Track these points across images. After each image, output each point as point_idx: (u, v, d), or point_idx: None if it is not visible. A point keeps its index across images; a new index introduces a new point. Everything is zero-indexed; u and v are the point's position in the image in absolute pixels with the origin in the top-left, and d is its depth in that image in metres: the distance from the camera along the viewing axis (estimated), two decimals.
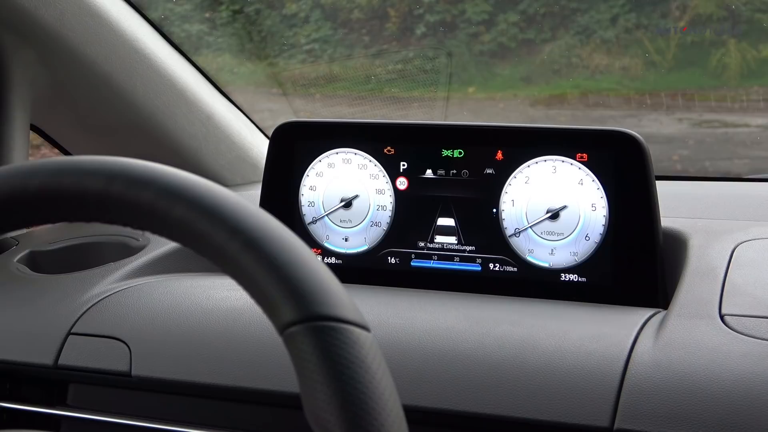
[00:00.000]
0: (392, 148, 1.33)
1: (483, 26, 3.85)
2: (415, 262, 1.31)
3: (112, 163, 0.66)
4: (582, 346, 1.01)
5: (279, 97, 2.81)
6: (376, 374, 0.59)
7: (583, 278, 1.24)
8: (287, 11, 3.83)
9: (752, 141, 3.27)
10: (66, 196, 0.66)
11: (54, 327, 1.19)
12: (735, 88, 3.51)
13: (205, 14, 3.44)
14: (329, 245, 1.36)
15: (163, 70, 1.59)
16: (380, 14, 4.02)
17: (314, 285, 0.60)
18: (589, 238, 1.24)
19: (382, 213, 1.33)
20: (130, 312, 1.18)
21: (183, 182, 0.64)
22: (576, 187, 1.24)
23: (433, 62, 2.84)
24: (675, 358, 0.96)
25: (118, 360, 1.14)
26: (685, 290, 1.11)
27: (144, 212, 0.65)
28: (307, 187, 1.37)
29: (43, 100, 1.53)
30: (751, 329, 0.99)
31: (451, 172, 1.30)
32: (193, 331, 1.14)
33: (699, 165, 3.32)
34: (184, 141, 1.65)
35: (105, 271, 1.31)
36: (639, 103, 3.30)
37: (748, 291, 1.08)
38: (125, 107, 1.57)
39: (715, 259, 1.17)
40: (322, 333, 0.59)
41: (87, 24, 1.46)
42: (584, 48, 3.73)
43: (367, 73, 2.61)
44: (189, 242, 0.65)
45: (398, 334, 1.07)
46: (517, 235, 1.27)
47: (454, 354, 1.03)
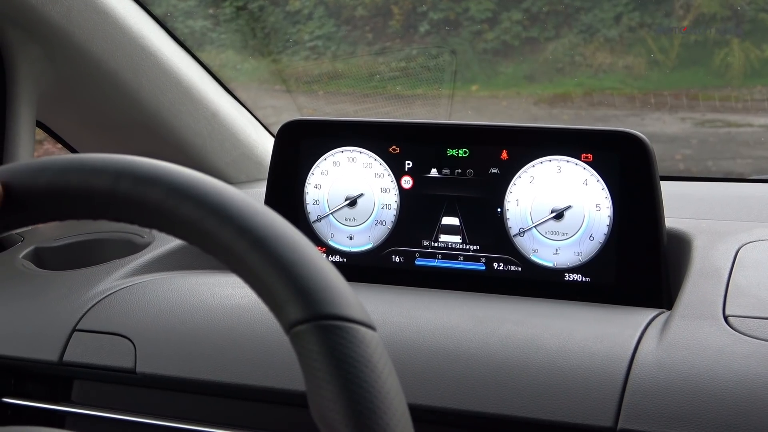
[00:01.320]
0: (397, 147, 1.33)
1: (486, 24, 3.84)
2: (420, 261, 1.32)
3: (119, 161, 0.66)
4: (586, 346, 1.01)
5: (282, 93, 2.81)
6: (382, 373, 0.59)
7: (587, 278, 1.24)
8: (291, 8, 3.83)
9: (755, 141, 3.27)
10: (73, 194, 0.66)
11: (59, 323, 1.19)
12: (738, 87, 3.51)
13: (208, 10, 3.44)
14: (334, 243, 1.36)
15: (168, 67, 1.59)
16: (384, 12, 4.02)
17: (321, 284, 0.60)
18: (593, 238, 1.24)
19: (387, 212, 1.33)
20: (135, 309, 1.19)
21: (190, 180, 0.64)
22: (581, 187, 1.24)
23: (437, 60, 2.84)
24: (678, 359, 0.96)
25: (123, 357, 1.14)
26: (688, 291, 1.11)
27: (151, 210, 0.65)
28: (312, 186, 1.37)
29: (48, 97, 1.53)
30: (755, 330, 1.00)
31: (456, 171, 1.30)
32: (198, 328, 1.14)
33: (702, 165, 3.32)
34: (188, 138, 1.66)
35: (110, 268, 1.31)
36: (642, 102, 3.30)
37: (752, 292, 1.08)
38: (130, 104, 1.57)
39: (719, 260, 1.17)
40: (329, 332, 0.59)
41: (93, 21, 1.46)
42: (588, 47, 3.73)
43: (370, 70, 2.61)
44: (196, 240, 0.65)
45: (402, 333, 1.07)
46: (522, 234, 1.27)
47: (458, 353, 1.03)
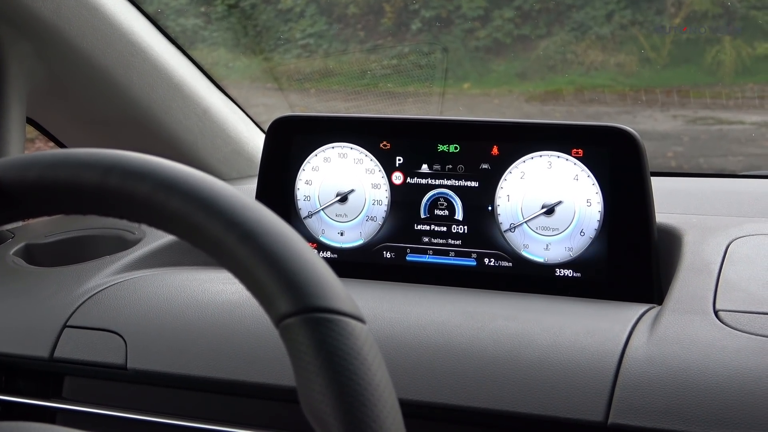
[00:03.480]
0: (388, 143, 1.33)
1: (478, 22, 3.85)
2: (411, 256, 1.32)
3: (108, 156, 0.66)
4: (576, 341, 1.01)
5: (274, 91, 2.80)
6: (372, 366, 0.59)
7: (578, 273, 1.24)
8: (282, 6, 3.83)
9: (747, 138, 3.28)
10: (63, 189, 0.66)
11: (50, 320, 1.19)
12: (730, 85, 3.52)
13: (200, 8, 3.43)
14: (325, 239, 1.36)
15: (159, 63, 1.59)
16: (376, 9, 4.02)
17: (310, 277, 0.60)
18: (584, 233, 1.24)
19: (378, 207, 1.33)
20: (125, 305, 1.19)
21: (179, 175, 0.64)
22: (571, 183, 1.24)
23: (428, 57, 2.84)
24: (669, 354, 0.97)
25: (114, 353, 1.14)
26: (679, 286, 1.11)
27: (140, 204, 0.65)
28: (302, 182, 1.37)
29: (39, 93, 1.52)
30: (745, 325, 1.00)
31: (447, 167, 1.30)
32: (189, 324, 1.14)
33: (694, 162, 3.33)
34: (180, 135, 1.65)
35: (101, 264, 1.31)
36: (634, 99, 3.30)
37: (742, 287, 1.09)
38: (121, 101, 1.57)
39: (710, 255, 1.18)
40: (318, 324, 0.59)
41: (84, 17, 1.45)
42: (579, 44, 3.74)
43: (362, 68, 2.61)
44: (185, 235, 0.65)
45: (393, 329, 1.07)
46: (513, 230, 1.27)
47: (449, 348, 1.03)
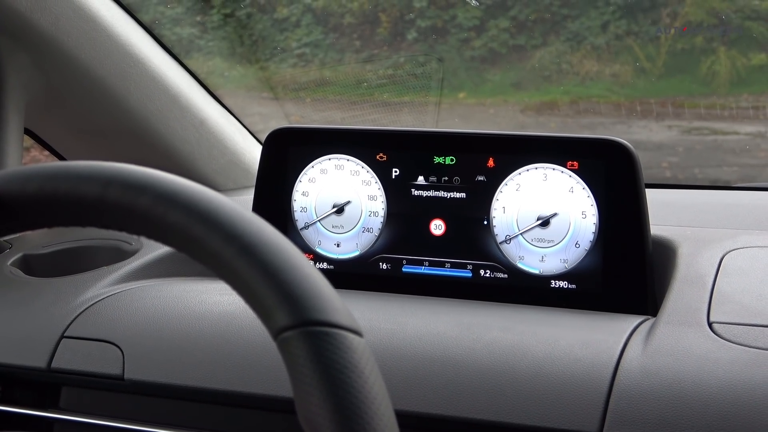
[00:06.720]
0: (384, 155, 1.33)
1: (474, 32, 3.86)
2: (407, 268, 1.32)
3: (108, 169, 0.66)
4: (571, 352, 1.01)
5: (270, 101, 2.81)
6: (369, 379, 0.59)
7: (573, 285, 1.25)
8: (278, 15, 3.84)
9: (741, 148, 3.29)
10: (62, 201, 0.66)
11: (47, 330, 1.19)
12: (725, 95, 3.53)
13: (196, 18, 3.43)
14: (321, 251, 1.36)
15: (156, 74, 1.59)
16: (372, 19, 4.02)
17: (308, 290, 0.61)
18: (579, 245, 1.25)
19: (374, 219, 1.34)
20: (123, 316, 1.19)
21: (178, 188, 0.65)
22: (566, 195, 1.25)
23: (424, 67, 2.85)
24: (663, 365, 0.97)
25: (111, 363, 1.14)
26: (673, 298, 1.12)
27: (139, 217, 0.65)
28: (299, 193, 1.37)
29: (37, 104, 1.52)
30: (739, 337, 1.00)
31: (443, 178, 1.30)
32: (186, 335, 1.14)
33: (688, 172, 3.34)
34: (176, 145, 1.66)
35: (98, 275, 1.31)
36: (629, 109, 3.31)
37: (736, 299, 1.09)
38: (119, 112, 1.57)
39: (704, 267, 1.18)
40: (316, 338, 0.59)
41: (82, 28, 1.46)
42: (575, 54, 3.75)
43: (358, 77, 2.61)
44: (184, 247, 0.65)
45: (389, 340, 1.08)
46: (508, 242, 1.28)
47: (444, 359, 1.03)
